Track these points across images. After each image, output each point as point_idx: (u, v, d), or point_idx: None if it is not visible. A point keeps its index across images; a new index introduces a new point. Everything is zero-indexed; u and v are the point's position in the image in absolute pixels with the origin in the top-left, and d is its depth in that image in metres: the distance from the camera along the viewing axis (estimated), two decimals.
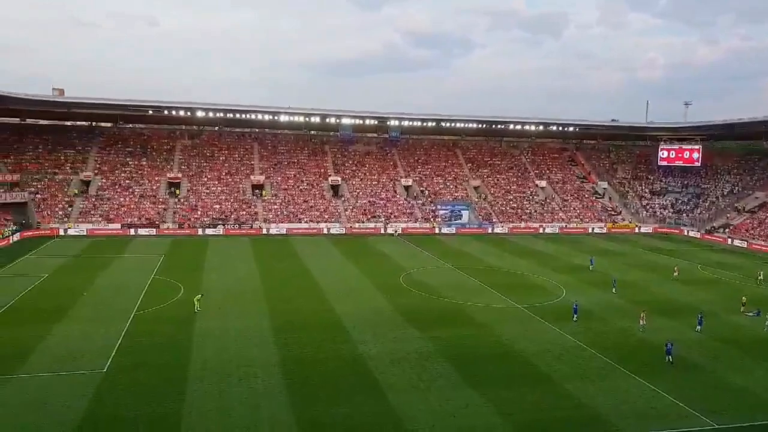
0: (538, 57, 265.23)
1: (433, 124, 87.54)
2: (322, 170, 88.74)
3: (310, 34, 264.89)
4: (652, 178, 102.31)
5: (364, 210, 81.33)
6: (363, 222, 78.81)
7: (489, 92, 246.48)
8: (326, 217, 78.86)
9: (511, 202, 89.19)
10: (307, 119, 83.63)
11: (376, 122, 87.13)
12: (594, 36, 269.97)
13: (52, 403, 25.12)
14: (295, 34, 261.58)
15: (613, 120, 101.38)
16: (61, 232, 68.59)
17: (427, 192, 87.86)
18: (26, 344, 31.89)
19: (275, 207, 79.20)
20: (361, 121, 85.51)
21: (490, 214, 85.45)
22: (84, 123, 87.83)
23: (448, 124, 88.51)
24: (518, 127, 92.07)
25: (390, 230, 77.66)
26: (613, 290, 47.63)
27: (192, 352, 31.62)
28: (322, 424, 23.95)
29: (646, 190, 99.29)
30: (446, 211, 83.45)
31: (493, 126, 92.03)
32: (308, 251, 62.62)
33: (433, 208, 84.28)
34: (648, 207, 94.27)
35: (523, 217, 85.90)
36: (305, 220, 77.65)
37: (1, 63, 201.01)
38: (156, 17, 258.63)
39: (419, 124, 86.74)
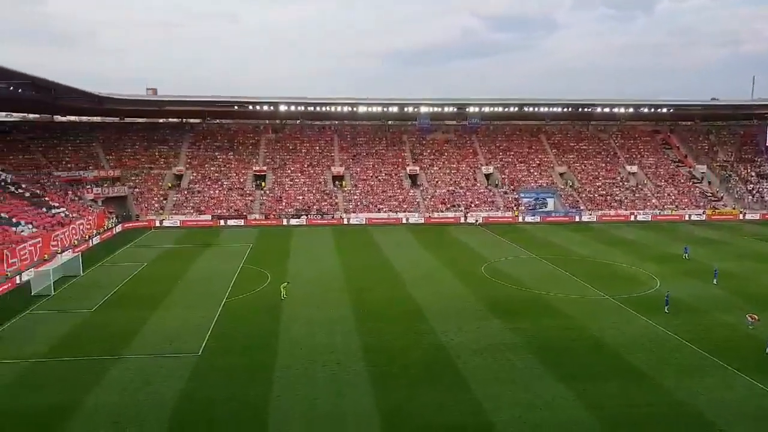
0: (627, 35, 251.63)
1: (515, 109, 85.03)
2: (401, 160, 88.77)
3: (387, 23, 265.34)
4: (759, 160, 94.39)
5: (443, 199, 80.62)
6: (442, 211, 78.17)
7: (574, 74, 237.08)
8: (405, 206, 78.88)
9: (599, 189, 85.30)
10: (384, 109, 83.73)
11: (455, 109, 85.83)
12: (691, 9, 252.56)
13: (153, 383, 26.76)
14: (372, 24, 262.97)
15: (713, 99, 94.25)
16: (157, 224, 72.84)
17: (508, 180, 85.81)
18: (130, 327, 34.17)
19: (355, 197, 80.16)
20: (439, 109, 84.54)
21: (577, 201, 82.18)
22: (175, 120, 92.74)
23: (531, 109, 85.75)
24: (606, 109, 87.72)
25: (470, 219, 76.53)
26: (714, 281, 44.36)
27: (279, 338, 32.62)
28: (404, 413, 23.94)
29: (753, 174, 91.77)
30: (530, 199, 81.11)
31: (580, 109, 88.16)
32: (387, 241, 62.91)
33: (516, 196, 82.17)
34: (754, 192, 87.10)
35: (612, 204, 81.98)
36: (384, 210, 78.04)
37: (101, 67, 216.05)
38: (236, 14, 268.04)
39: (500, 109, 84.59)
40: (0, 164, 65.15)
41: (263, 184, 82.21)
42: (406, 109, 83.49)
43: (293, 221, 74.71)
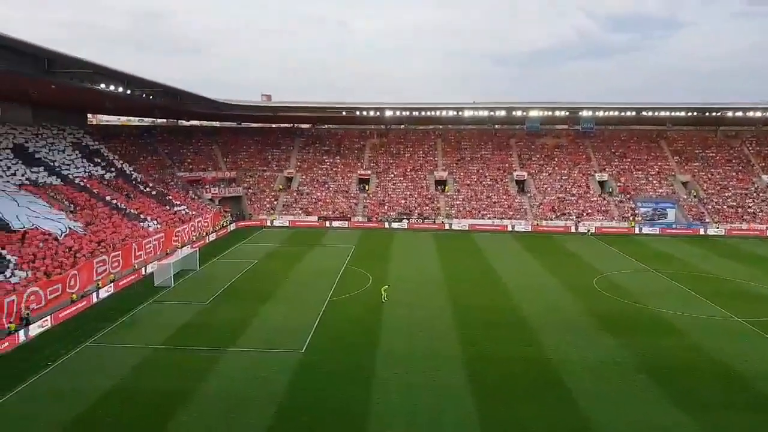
0: (764, 32, 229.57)
1: (633, 113, 79.95)
2: (507, 165, 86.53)
3: (498, 26, 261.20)
4: None
5: (553, 206, 77.44)
6: (551, 219, 75.07)
7: (700, 75, 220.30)
8: (511, 213, 76.68)
9: (728, 200, 77.99)
10: (491, 113, 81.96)
11: (567, 113, 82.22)
12: None
13: (261, 377, 27.76)
14: (482, 26, 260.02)
15: None
16: (268, 223, 76.19)
17: (624, 188, 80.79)
18: (241, 321, 35.78)
19: (458, 202, 79.14)
20: (550, 113, 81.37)
21: (702, 213, 75.64)
22: (287, 125, 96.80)
23: (650, 113, 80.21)
24: (739, 114, 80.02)
25: (582, 229, 72.84)
26: None
27: (380, 340, 32.68)
28: (507, 426, 22.96)
29: None
30: (648, 209, 75.82)
31: (707, 114, 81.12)
32: (491, 247, 61.36)
33: (632, 205, 77.15)
34: None
35: (744, 217, 74.58)
36: (488, 216, 76.34)
37: (223, 74, 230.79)
38: (347, 21, 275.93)
39: (616, 113, 79.88)
40: (132, 165, 71.28)
41: (367, 187, 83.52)
42: (514, 113, 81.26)
43: (395, 225, 75.14)
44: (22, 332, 32.61)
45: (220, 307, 39.37)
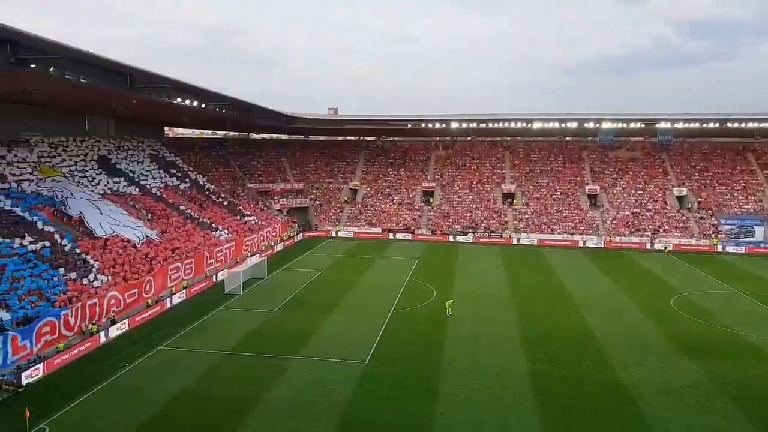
0: None
1: (716, 124, 75.50)
2: (578, 178, 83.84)
3: (569, 35, 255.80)
4: None
5: (627, 222, 74.23)
6: (625, 235, 71.95)
7: None
8: (582, 228, 74.08)
9: None
10: (562, 125, 79.71)
11: (643, 125, 78.80)
12: None
13: (325, 386, 27.90)
14: (554, 36, 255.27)
15: None
16: (333, 234, 77.14)
17: (705, 203, 76.42)
18: (305, 330, 36.20)
19: (526, 216, 77.30)
20: (624, 125, 78.23)
21: None
22: (353, 137, 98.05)
23: (735, 125, 75.53)
24: None
25: (658, 245, 69.35)
26: None
27: (444, 354, 32.18)
28: None
29: None
30: (732, 227, 71.26)
31: None
32: (561, 263, 59.36)
33: (715, 222, 72.79)
34: None
35: None
36: (558, 230, 74.07)
37: (291, 89, 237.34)
38: (413, 35, 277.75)
39: (697, 125, 75.79)
40: (205, 176, 74.15)
41: (431, 200, 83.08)
42: (586, 125, 78.72)
43: (460, 238, 74.20)
44: (102, 333, 34.27)
45: (286, 315, 40.01)
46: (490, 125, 79.22)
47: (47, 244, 38.93)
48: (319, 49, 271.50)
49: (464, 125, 79.79)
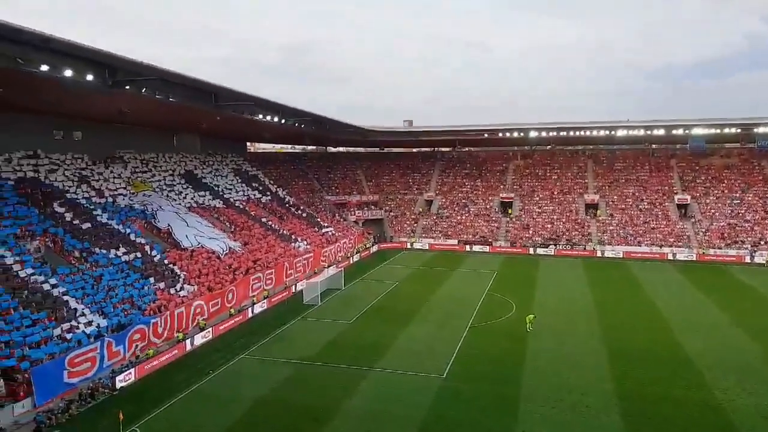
0: None
1: None
2: (667, 188, 79.28)
3: (653, 37, 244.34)
4: None
5: (722, 233, 69.26)
6: (720, 248, 67.12)
7: None
8: (671, 240, 69.84)
9: None
10: (648, 132, 75.81)
11: (739, 130, 73.56)
12: None
13: (401, 399, 27.64)
14: (635, 39, 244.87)
15: None
16: (408, 246, 76.97)
17: None
18: (382, 341, 36.12)
19: (611, 228, 73.88)
20: (717, 130, 73.34)
21: None
22: (428, 149, 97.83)
23: None
24: None
25: (759, 259, 64.11)
26: None
27: (524, 370, 31.11)
28: None
29: None
30: None
31: None
32: (649, 277, 56.08)
33: None
34: None
35: None
36: (645, 243, 70.22)
37: (367, 102, 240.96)
38: (487, 43, 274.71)
39: None
40: (285, 188, 76.29)
41: (510, 211, 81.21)
42: (674, 132, 74.54)
43: (540, 250, 71.93)
44: (188, 341, 35.69)
45: (363, 326, 40.12)
46: (571, 133, 76.65)
47: (139, 255, 41.19)
48: (394, 62, 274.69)
49: (544, 134, 77.61)
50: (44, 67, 28.21)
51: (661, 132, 74.65)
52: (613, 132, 75.16)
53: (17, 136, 43.18)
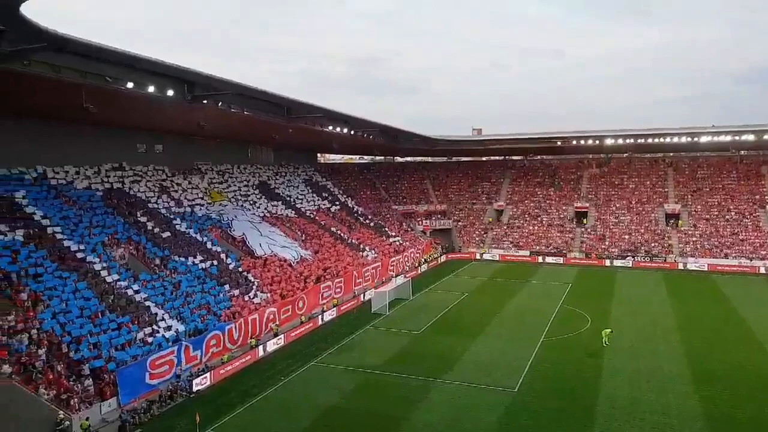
0: None
1: None
2: (758, 196, 74.07)
3: (737, 39, 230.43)
4: None
5: None
6: None
7: None
8: (763, 253, 65.07)
9: None
10: (736, 138, 71.10)
11: None
12: None
13: (472, 411, 27.13)
14: (717, 42, 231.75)
15: None
16: (478, 256, 75.75)
17: None
18: (451, 353, 35.60)
19: (694, 239, 69.77)
20: None
21: None
22: (498, 157, 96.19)
23: None
24: None
25: None
26: None
27: (600, 387, 29.79)
28: None
29: None
30: None
31: None
32: (737, 292, 52.40)
33: None
34: None
35: None
36: (733, 255, 65.81)
37: (435, 111, 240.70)
38: (562, 50, 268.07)
39: None
40: (353, 198, 77.20)
41: (585, 221, 78.39)
42: (766, 137, 69.64)
43: (617, 262, 68.89)
44: (261, 347, 36.54)
45: (432, 337, 39.72)
46: (650, 140, 73.18)
47: (215, 262, 42.72)
48: (462, 70, 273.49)
49: (620, 141, 74.54)
50: (129, 84, 29.93)
51: (751, 138, 69.87)
52: (696, 138, 71.11)
53: (105, 150, 46.08)
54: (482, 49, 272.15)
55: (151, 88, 31.22)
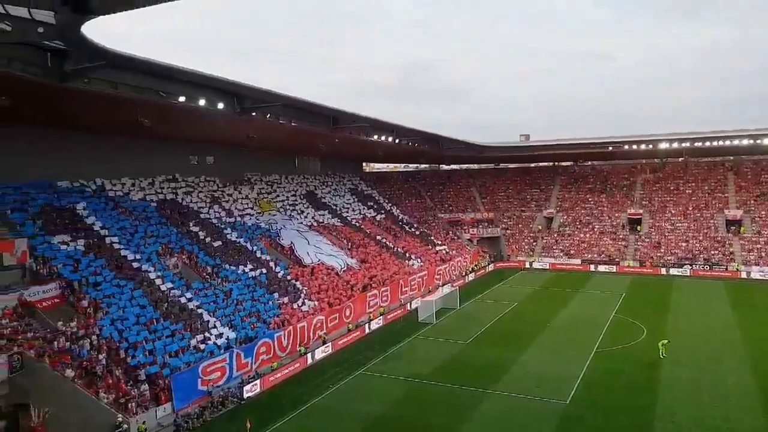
0: None
1: None
2: None
3: None
4: None
5: None
6: None
7: None
8: None
9: None
10: None
11: None
12: None
13: (523, 423, 26.61)
14: None
15: None
16: (527, 265, 74.27)
17: None
18: (500, 364, 34.95)
19: (758, 246, 66.39)
20: None
21: None
22: (546, 164, 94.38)
23: None
24: None
25: None
26: None
27: (658, 400, 28.61)
28: None
29: None
30: None
31: None
32: None
33: None
34: None
35: None
36: None
37: (481, 118, 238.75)
38: (612, 53, 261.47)
39: None
40: (399, 207, 77.19)
41: (638, 228, 75.84)
42: None
43: (674, 271, 66.23)
44: (309, 355, 36.82)
45: (480, 347, 39.12)
46: (708, 144, 70.30)
47: (264, 270, 43.42)
48: (510, 76, 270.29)
49: (675, 145, 71.90)
50: (182, 98, 30.89)
51: None
52: (758, 141, 67.88)
53: (158, 162, 47.64)
54: (528, 55, 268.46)
55: (202, 102, 32.13)
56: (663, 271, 66.58)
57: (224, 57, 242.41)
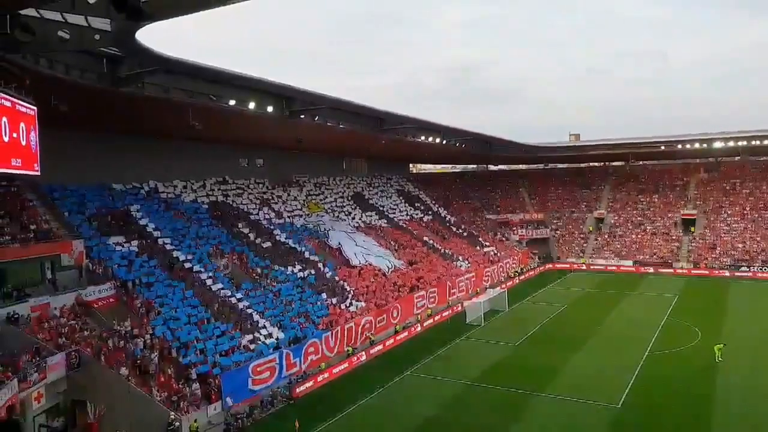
0: None
1: None
2: None
3: None
4: None
5: None
6: None
7: None
8: None
9: None
10: None
11: None
12: None
13: (573, 426, 26.23)
14: None
15: None
16: (577, 266, 72.69)
17: None
18: (550, 366, 34.40)
19: None
20: None
21: None
22: (597, 164, 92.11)
23: None
24: None
25: None
26: None
27: (714, 406, 27.71)
28: None
29: None
30: None
31: None
32: None
33: None
34: None
35: None
36: None
37: (530, 119, 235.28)
38: (665, 52, 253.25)
39: None
40: (446, 208, 76.82)
41: (692, 229, 73.13)
42: None
43: (731, 273, 63.62)
44: (357, 356, 37.11)
45: (530, 349, 38.61)
46: (766, 142, 67.19)
47: (312, 271, 44.02)
48: (559, 76, 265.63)
49: (731, 144, 69.00)
50: (232, 102, 31.71)
51: None
52: None
53: (209, 165, 48.88)
54: (579, 55, 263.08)
55: (252, 105, 32.91)
56: (718, 272, 64.02)
57: (271, 61, 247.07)
